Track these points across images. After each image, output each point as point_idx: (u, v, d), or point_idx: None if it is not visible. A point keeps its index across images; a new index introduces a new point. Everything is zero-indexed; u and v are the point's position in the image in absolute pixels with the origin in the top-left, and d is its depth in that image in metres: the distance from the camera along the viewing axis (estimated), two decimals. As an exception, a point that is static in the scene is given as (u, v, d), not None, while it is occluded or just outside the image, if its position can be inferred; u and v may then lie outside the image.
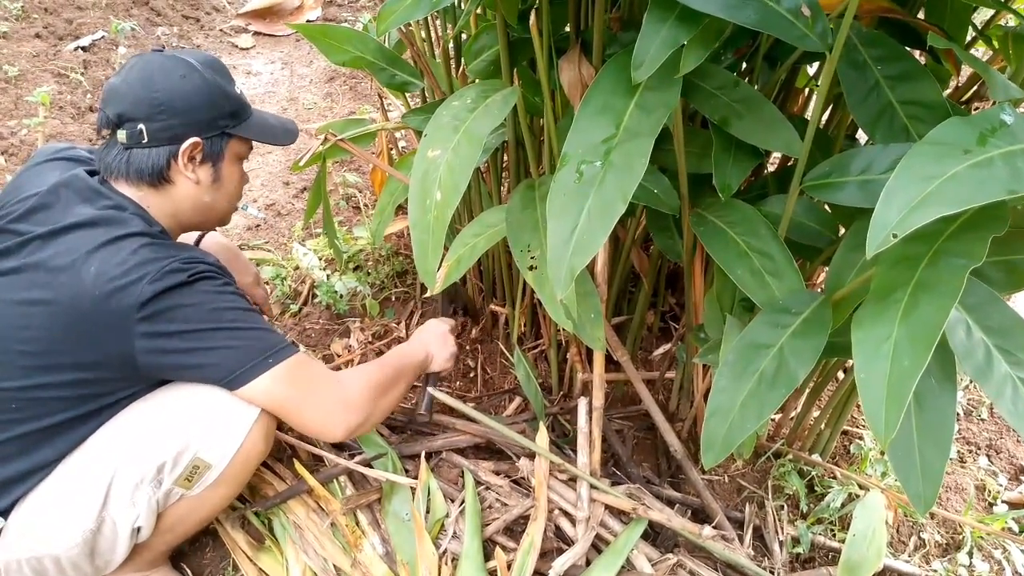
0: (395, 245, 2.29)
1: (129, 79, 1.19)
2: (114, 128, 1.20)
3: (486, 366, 1.93)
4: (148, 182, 1.22)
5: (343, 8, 4.55)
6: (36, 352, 1.11)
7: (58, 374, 1.12)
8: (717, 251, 1.14)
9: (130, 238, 1.13)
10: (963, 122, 0.72)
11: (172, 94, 1.19)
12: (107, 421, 1.20)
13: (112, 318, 1.08)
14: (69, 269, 1.09)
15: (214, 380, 1.17)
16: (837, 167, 1.05)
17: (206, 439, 1.21)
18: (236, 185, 1.35)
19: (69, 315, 1.09)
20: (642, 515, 1.35)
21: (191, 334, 1.13)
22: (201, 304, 1.13)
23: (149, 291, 1.08)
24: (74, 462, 1.18)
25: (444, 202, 1.06)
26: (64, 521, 1.15)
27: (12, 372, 1.11)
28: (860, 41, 1.06)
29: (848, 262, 1.05)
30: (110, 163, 1.22)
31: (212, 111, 1.24)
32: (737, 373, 1.00)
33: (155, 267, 1.10)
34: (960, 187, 0.67)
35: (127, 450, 1.17)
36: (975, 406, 1.93)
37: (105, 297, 1.07)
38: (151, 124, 1.19)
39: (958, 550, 1.54)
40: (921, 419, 0.94)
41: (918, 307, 0.76)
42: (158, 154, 1.21)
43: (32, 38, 3.56)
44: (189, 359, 1.14)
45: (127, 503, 1.17)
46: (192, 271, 1.13)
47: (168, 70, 1.20)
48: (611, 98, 0.97)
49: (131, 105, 1.18)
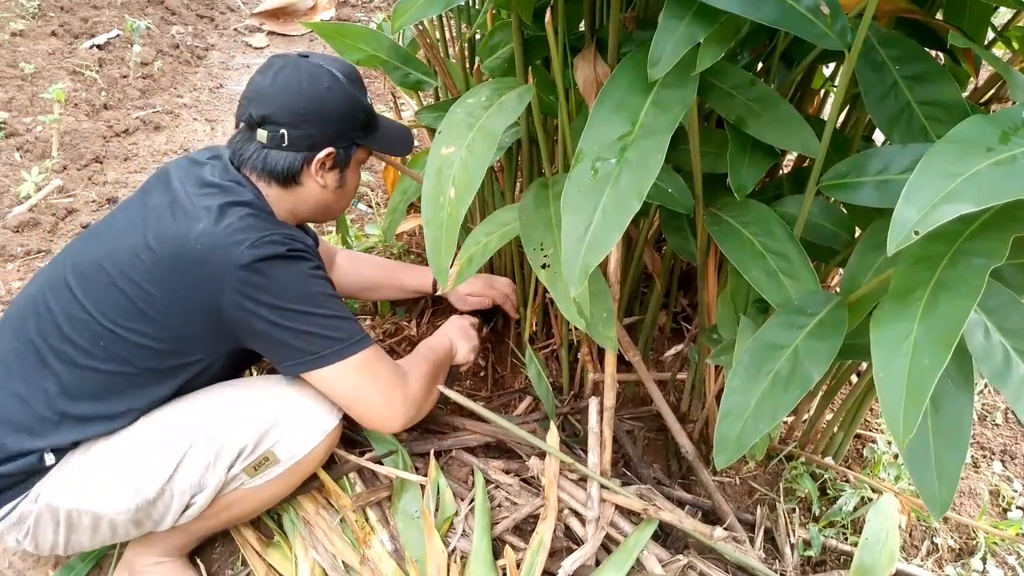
0: (407, 243, 2.29)
1: (277, 83, 1.23)
2: (254, 126, 1.25)
3: (497, 365, 1.93)
4: (279, 181, 1.27)
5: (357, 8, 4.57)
6: (135, 296, 1.16)
7: (149, 323, 1.17)
8: (732, 251, 1.13)
9: (239, 206, 1.20)
10: (985, 120, 0.71)
11: (317, 105, 1.23)
12: (184, 392, 1.25)
13: (209, 273, 1.14)
14: (180, 222, 1.17)
15: (290, 359, 1.22)
16: (855, 167, 1.04)
17: (285, 434, 1.26)
18: (355, 188, 1.41)
19: (170, 266, 1.15)
20: (652, 516, 1.34)
21: (279, 310, 1.17)
22: (292, 281, 1.19)
23: (248, 255, 1.14)
24: (145, 428, 1.22)
25: (458, 199, 1.06)
26: (124, 484, 1.17)
27: (111, 309, 1.17)
28: (878, 41, 1.06)
29: (865, 263, 1.05)
30: (246, 156, 1.26)
31: (349, 123, 1.29)
32: (751, 374, 0.99)
33: (256, 235, 1.16)
34: (983, 185, 0.66)
35: (208, 428, 1.21)
36: (989, 411, 1.91)
37: (206, 253, 1.14)
38: (293, 131, 1.23)
39: (971, 555, 1.53)
40: (938, 422, 0.93)
41: (938, 306, 0.75)
42: (294, 158, 1.26)
43: (48, 36, 3.59)
44: (271, 332, 1.19)
45: (195, 479, 1.20)
46: (290, 246, 1.19)
47: (315, 80, 1.24)
48: (627, 95, 0.97)
49: (277, 109, 1.22)
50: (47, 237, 2.38)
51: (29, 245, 2.31)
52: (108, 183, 2.69)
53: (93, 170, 2.74)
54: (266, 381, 1.32)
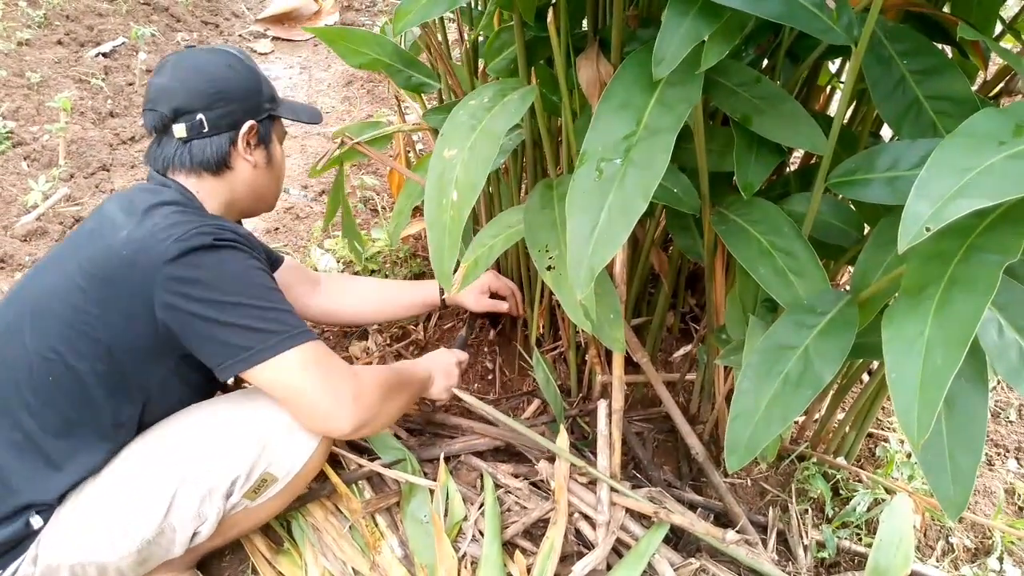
0: (413, 247, 2.29)
1: (177, 75, 1.22)
2: (168, 125, 1.22)
3: (504, 368, 1.92)
4: (211, 170, 1.25)
5: (360, 12, 4.57)
6: (75, 320, 1.12)
7: (92, 345, 1.12)
8: (739, 250, 1.12)
9: (163, 206, 1.16)
10: (997, 113, 0.70)
11: (225, 83, 1.23)
12: (153, 415, 1.21)
13: (139, 277, 1.09)
14: (106, 236, 1.14)
15: (226, 358, 1.12)
16: (863, 164, 1.02)
17: (278, 452, 1.23)
18: (283, 166, 1.39)
19: (102, 280, 1.11)
20: (663, 519, 1.33)
21: (209, 303, 1.10)
22: (222, 272, 1.12)
23: (174, 249, 1.08)
24: (131, 467, 1.18)
25: (461, 201, 1.05)
26: (121, 529, 1.14)
27: (54, 340, 1.13)
28: (885, 35, 1.04)
29: (874, 261, 1.03)
30: (168, 156, 1.24)
31: (260, 96, 1.28)
32: (761, 375, 0.98)
33: (182, 229, 1.11)
34: (996, 179, 0.65)
35: (197, 459, 1.17)
36: (1003, 407, 1.89)
37: (132, 257, 1.10)
38: (210, 113, 1.21)
39: (987, 555, 1.51)
40: (952, 421, 0.91)
41: (951, 304, 0.74)
42: (220, 141, 1.24)
43: (54, 45, 3.60)
44: (204, 329, 1.11)
45: (193, 513, 1.17)
46: (219, 236, 1.13)
47: (214, 62, 1.24)
48: (631, 95, 0.96)
49: (187, 97, 1.20)
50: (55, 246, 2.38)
51: (37, 254, 2.31)
52: (115, 191, 2.69)
53: (100, 178, 2.75)
54: (244, 398, 1.27)
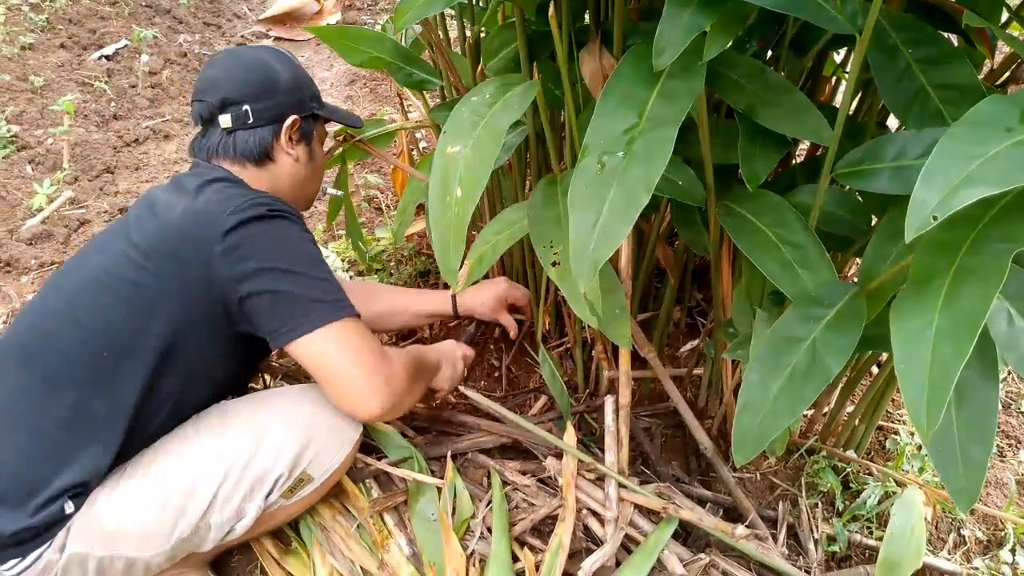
0: (417, 245, 2.28)
1: (226, 68, 1.27)
2: (214, 115, 1.25)
3: (511, 365, 1.91)
4: (253, 160, 1.27)
5: (363, 11, 4.57)
6: (126, 293, 1.14)
7: (148, 317, 1.13)
8: (745, 243, 1.11)
9: (215, 183, 1.20)
10: (1004, 100, 0.69)
11: (271, 76, 1.27)
12: (190, 399, 1.22)
13: (195, 248, 1.12)
14: (160, 214, 1.17)
15: (278, 327, 1.14)
16: (869, 154, 1.01)
17: (317, 453, 1.25)
18: (323, 165, 1.42)
19: (158, 252, 1.13)
20: (672, 514, 1.32)
21: (265, 271, 1.13)
22: (277, 240, 1.16)
23: (232, 220, 1.11)
24: (173, 462, 1.18)
25: (464, 198, 1.04)
26: (159, 525, 1.14)
27: (104, 314, 1.14)
28: (890, 24, 1.03)
29: (882, 252, 1.02)
30: (213, 146, 1.27)
31: (304, 92, 1.32)
32: (768, 368, 0.97)
33: (238, 201, 1.14)
34: (1003, 166, 0.64)
35: (240, 457, 1.18)
36: (1014, 399, 1.88)
37: (189, 228, 1.13)
38: (256, 104, 1.25)
39: (1000, 547, 1.50)
40: (962, 412, 0.90)
41: (960, 294, 0.73)
42: (263, 133, 1.27)
43: (57, 48, 3.61)
44: (259, 297, 1.14)
45: (232, 511, 1.18)
46: (272, 207, 1.17)
47: (262, 58, 1.29)
48: (633, 87, 0.95)
49: (234, 89, 1.24)
50: (60, 249, 2.38)
51: (43, 257, 2.32)
52: (120, 193, 2.70)
53: (104, 180, 2.75)
54: (285, 397, 1.29)
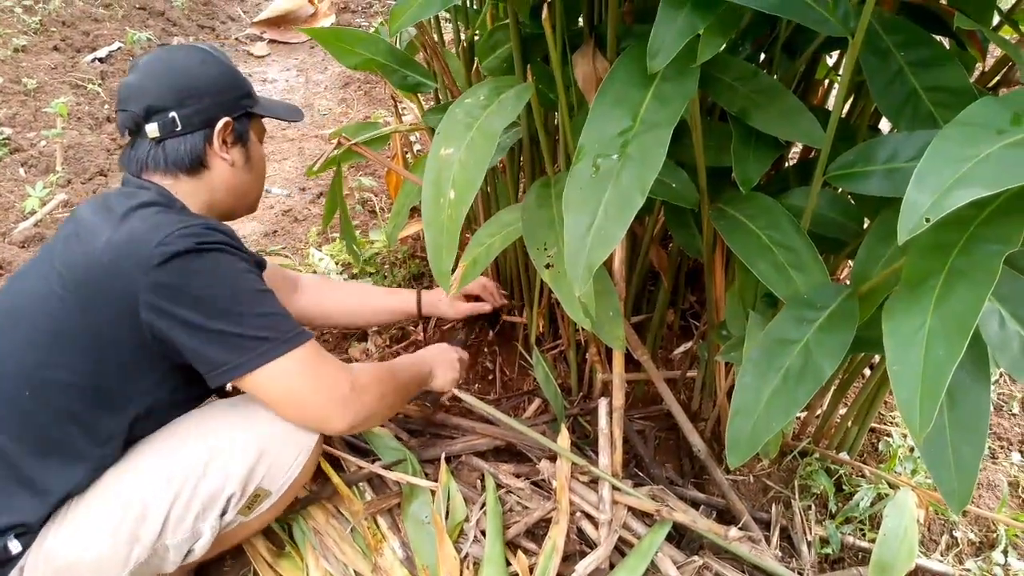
0: (411, 248, 2.28)
1: (149, 73, 1.18)
2: (140, 125, 1.18)
3: (504, 368, 1.91)
4: (186, 170, 1.20)
5: (357, 14, 4.57)
6: (52, 329, 1.08)
7: (72, 354, 1.07)
8: (738, 245, 1.12)
9: (141, 208, 1.11)
10: (995, 102, 0.70)
11: (197, 79, 1.19)
12: (140, 427, 1.16)
13: (121, 285, 1.05)
14: (84, 242, 1.09)
15: (218, 367, 1.09)
16: (862, 156, 1.02)
17: (271, 467, 1.21)
18: (263, 166, 1.35)
19: (83, 287, 1.07)
20: (666, 517, 1.32)
21: (198, 312, 1.06)
22: (211, 279, 1.08)
23: (158, 255, 1.04)
24: (120, 483, 1.13)
25: (458, 200, 1.04)
26: (113, 551, 1.09)
27: (31, 349, 1.08)
28: (882, 27, 1.04)
29: (874, 254, 1.02)
30: (142, 158, 1.19)
31: (235, 91, 1.24)
32: (762, 370, 0.98)
33: (164, 232, 1.06)
34: (995, 168, 0.64)
35: (190, 477, 1.14)
36: (1006, 400, 1.89)
37: (114, 263, 1.05)
38: (183, 110, 1.17)
39: (992, 548, 1.50)
40: (954, 414, 0.91)
41: (952, 295, 0.73)
42: (193, 139, 1.19)
43: (50, 51, 3.60)
44: (193, 338, 1.07)
45: (187, 534, 1.14)
46: (204, 239, 1.08)
47: (186, 58, 1.21)
48: (627, 90, 0.95)
49: (158, 96, 1.17)
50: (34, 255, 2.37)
51: (34, 260, 2.31)
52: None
53: (97, 183, 2.74)
54: (235, 409, 1.23)
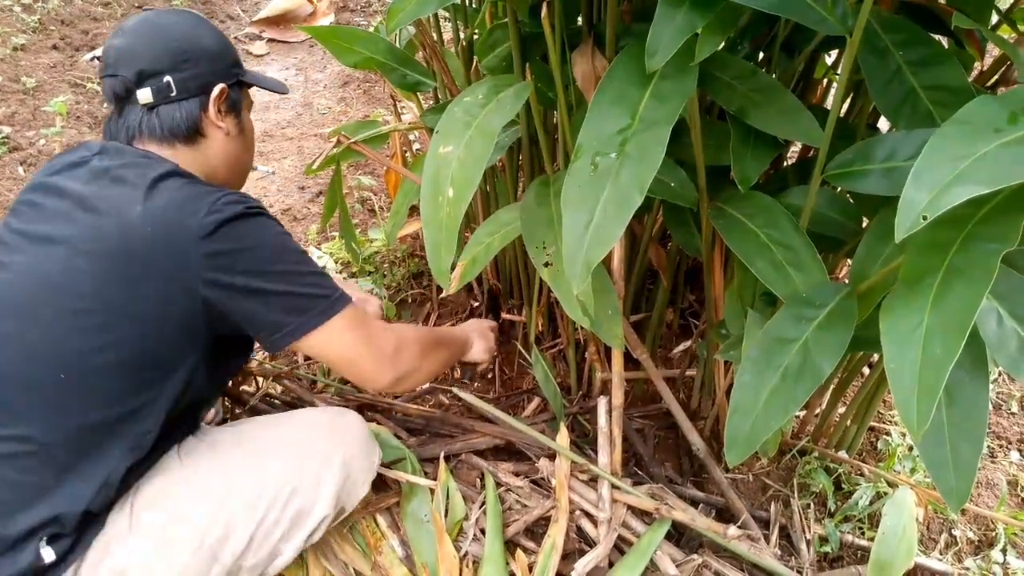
0: (410, 247, 2.28)
1: (139, 35, 1.11)
2: (131, 90, 1.10)
3: (504, 367, 1.91)
4: (183, 138, 1.13)
5: (356, 13, 4.57)
6: (86, 308, 0.99)
7: (111, 332, 1.00)
8: (737, 244, 1.12)
9: (167, 177, 1.05)
10: (993, 100, 0.70)
11: (192, 43, 1.12)
12: (181, 419, 1.13)
13: (169, 256, 0.99)
14: (108, 215, 1.00)
15: (278, 330, 1.07)
16: (860, 155, 1.02)
17: (355, 486, 1.24)
18: (254, 137, 1.30)
19: (120, 261, 0.99)
20: (665, 515, 1.32)
21: (257, 274, 1.03)
22: (263, 240, 1.06)
23: (209, 222, 0.99)
24: (201, 506, 1.09)
25: (456, 198, 1.04)
26: (190, 573, 1.06)
27: (62, 337, 0.99)
28: (880, 26, 1.04)
29: (873, 253, 1.03)
30: (133, 125, 1.11)
31: (227, 59, 1.18)
32: (760, 368, 0.98)
33: (209, 199, 1.02)
34: (992, 166, 0.64)
35: (278, 498, 1.13)
36: (1005, 399, 1.89)
37: (158, 235, 0.99)
38: (178, 74, 1.10)
39: (991, 547, 1.50)
40: (952, 412, 0.91)
41: (950, 293, 0.73)
42: (190, 105, 1.13)
43: (49, 50, 3.59)
44: (253, 302, 1.04)
45: (267, 553, 1.13)
46: (249, 203, 1.05)
47: (178, 22, 1.14)
48: (626, 88, 0.95)
49: (152, 60, 1.09)
50: None
51: (34, 259, 2.30)
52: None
53: (96, 182, 2.74)
54: (317, 429, 1.24)
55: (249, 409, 1.61)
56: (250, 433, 1.22)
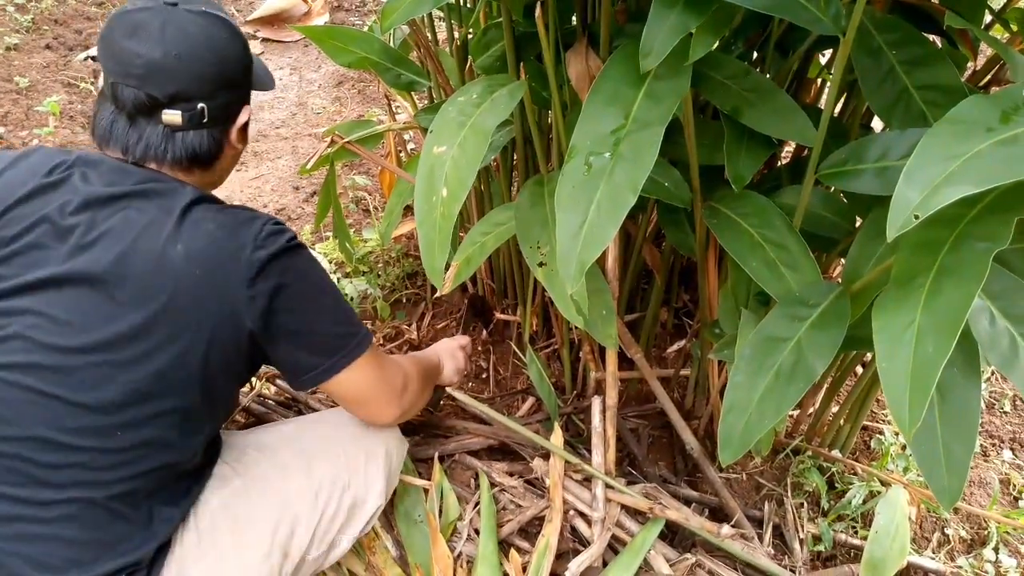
0: (405, 247, 2.28)
1: (177, 51, 0.98)
2: (156, 108, 0.99)
3: (498, 366, 1.91)
4: (203, 164, 1.05)
5: (351, 12, 4.56)
6: (130, 360, 0.92)
7: (172, 388, 0.95)
8: (730, 243, 1.12)
9: (198, 205, 0.98)
10: (985, 100, 0.70)
11: (226, 65, 1.03)
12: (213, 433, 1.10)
13: (221, 299, 0.95)
14: (147, 254, 0.93)
15: (313, 367, 1.05)
16: (853, 154, 1.02)
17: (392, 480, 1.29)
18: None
19: (168, 306, 0.93)
20: (659, 515, 1.32)
21: (298, 315, 1.01)
22: (306, 278, 1.02)
23: (257, 260, 0.95)
24: (266, 513, 1.10)
25: (450, 198, 1.04)
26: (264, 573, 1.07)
27: (110, 382, 0.92)
28: (874, 26, 1.04)
29: (866, 252, 1.03)
30: (151, 145, 1.01)
31: (250, 76, 1.11)
32: (754, 368, 0.98)
33: (251, 230, 0.97)
34: (984, 165, 0.65)
35: (333, 494, 1.17)
36: (997, 398, 1.89)
37: (209, 274, 0.94)
38: (212, 102, 1.02)
39: (983, 546, 1.51)
40: (944, 411, 0.91)
41: (941, 292, 0.74)
42: (216, 133, 1.05)
43: (42, 49, 3.58)
44: (294, 340, 1.02)
45: (327, 545, 1.18)
46: (289, 235, 1.01)
47: (211, 35, 1.01)
48: (620, 88, 0.95)
49: (189, 83, 0.99)
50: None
51: (27, 259, 2.29)
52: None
53: (90, 182, 2.73)
54: (351, 420, 1.25)
55: (243, 410, 1.61)
56: (293, 434, 1.24)
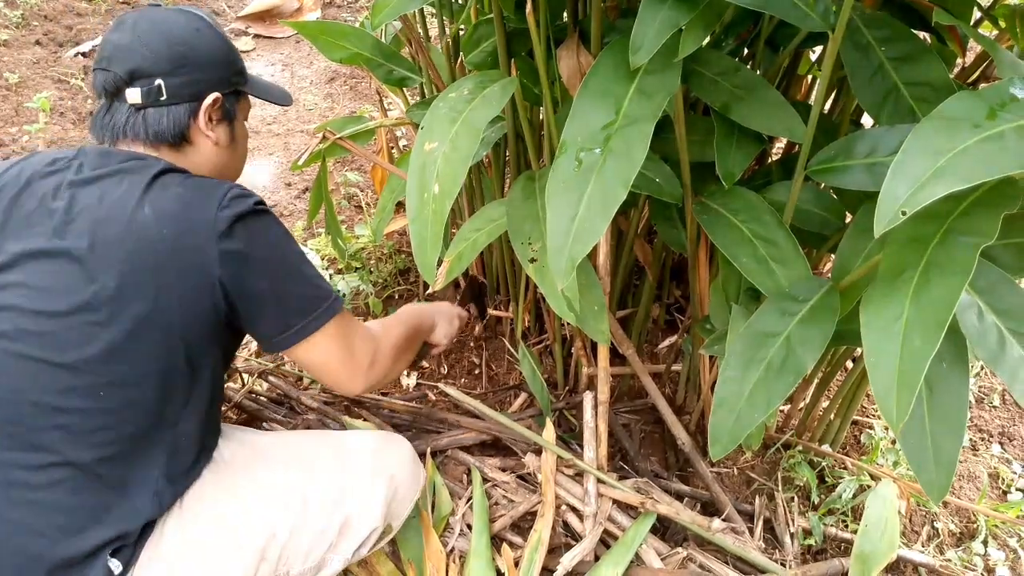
0: (397, 243, 2.28)
1: (139, 33, 1.06)
2: (120, 88, 1.06)
3: (491, 362, 1.91)
4: (168, 143, 1.09)
5: (342, 9, 4.54)
6: (110, 321, 0.95)
7: (148, 344, 0.98)
8: (720, 239, 1.12)
9: (165, 174, 1.02)
10: (972, 96, 0.70)
11: (192, 47, 1.08)
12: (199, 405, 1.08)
13: (188, 256, 0.97)
14: (112, 223, 0.96)
15: (283, 328, 1.05)
16: (842, 150, 1.03)
17: (402, 504, 1.24)
18: (246, 145, 1.27)
19: (140, 269, 0.96)
20: (650, 509, 1.33)
21: (268, 274, 1.03)
22: (273, 240, 1.05)
23: (224, 219, 0.98)
24: (250, 508, 1.09)
25: (442, 194, 1.04)
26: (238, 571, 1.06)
27: (91, 342, 0.95)
28: (863, 22, 1.04)
29: (855, 248, 1.04)
30: (119, 124, 1.08)
31: (228, 67, 1.15)
32: (744, 363, 0.99)
33: (217, 193, 1.00)
34: (971, 161, 0.65)
35: (323, 503, 1.14)
36: (986, 393, 1.91)
37: (178, 234, 0.97)
38: (171, 79, 1.06)
39: (972, 539, 1.52)
40: (933, 405, 0.92)
41: (929, 287, 0.74)
42: (178, 111, 1.08)
43: (32, 45, 3.56)
44: (265, 301, 1.03)
45: (315, 563, 1.14)
46: (254, 198, 1.03)
47: (181, 23, 1.09)
48: (610, 84, 0.96)
49: (147, 60, 1.05)
50: None
51: (17, 256, 2.28)
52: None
53: (80, 178, 2.72)
54: (361, 440, 1.25)
55: (235, 406, 1.61)
56: (294, 442, 1.24)
